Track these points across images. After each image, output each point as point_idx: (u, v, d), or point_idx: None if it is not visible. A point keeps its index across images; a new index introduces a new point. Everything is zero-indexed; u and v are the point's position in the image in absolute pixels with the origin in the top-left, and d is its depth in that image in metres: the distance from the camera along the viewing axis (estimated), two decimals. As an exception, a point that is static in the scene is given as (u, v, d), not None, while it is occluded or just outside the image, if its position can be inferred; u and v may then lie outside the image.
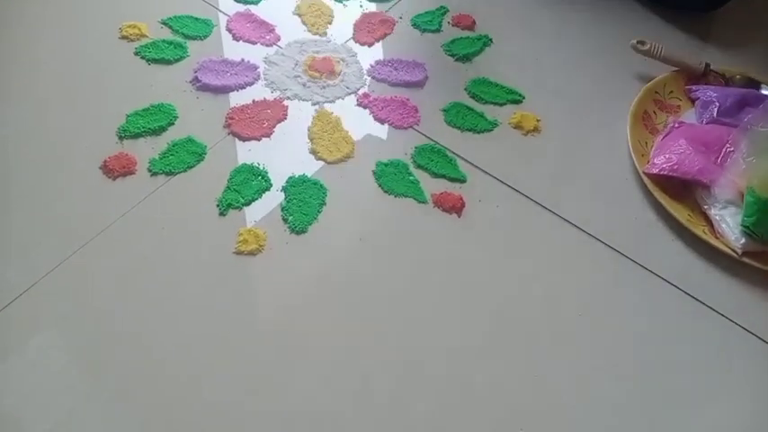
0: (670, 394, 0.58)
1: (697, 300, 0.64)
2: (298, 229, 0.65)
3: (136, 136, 0.71)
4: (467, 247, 0.66)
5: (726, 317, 0.63)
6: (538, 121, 0.77)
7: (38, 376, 0.54)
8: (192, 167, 0.69)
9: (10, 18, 0.82)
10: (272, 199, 0.68)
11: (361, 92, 0.79)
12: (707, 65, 0.83)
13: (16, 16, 0.82)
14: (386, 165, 0.72)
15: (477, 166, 0.73)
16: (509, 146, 0.75)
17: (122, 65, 0.78)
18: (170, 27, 0.82)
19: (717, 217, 0.68)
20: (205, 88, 0.76)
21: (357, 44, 0.84)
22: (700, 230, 0.68)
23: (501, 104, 0.79)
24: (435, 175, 0.71)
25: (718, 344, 0.61)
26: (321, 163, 0.71)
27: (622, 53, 0.85)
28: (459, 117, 0.77)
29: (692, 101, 0.82)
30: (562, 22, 0.90)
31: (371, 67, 0.81)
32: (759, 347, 0.61)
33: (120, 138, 0.71)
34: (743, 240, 0.66)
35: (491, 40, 0.86)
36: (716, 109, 0.78)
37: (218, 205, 0.66)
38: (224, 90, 0.77)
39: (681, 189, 0.71)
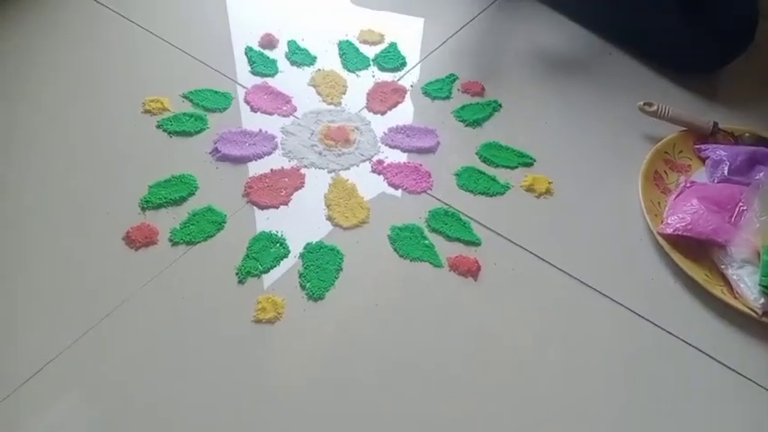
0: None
1: (717, 361, 0.63)
2: (315, 296, 0.66)
3: (158, 207, 0.73)
4: (484, 310, 0.66)
5: (748, 378, 0.62)
6: (550, 183, 0.79)
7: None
8: (211, 236, 0.71)
9: (42, 89, 0.85)
10: (290, 266, 0.69)
11: (375, 159, 0.81)
12: (715, 124, 0.84)
13: (49, 87, 0.86)
14: (401, 229, 0.73)
15: (491, 229, 0.73)
16: (522, 208, 0.76)
17: (145, 138, 0.81)
18: (191, 100, 0.86)
19: (735, 277, 0.68)
20: (224, 159, 0.79)
21: (370, 113, 0.86)
22: (718, 290, 0.67)
23: (512, 168, 0.81)
24: (450, 239, 0.72)
25: (740, 406, 0.60)
26: (338, 229, 0.73)
27: (630, 115, 0.87)
28: (471, 181, 0.78)
29: (703, 160, 0.82)
30: (570, 86, 0.93)
31: (385, 134, 0.84)
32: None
33: (143, 209, 0.73)
34: (762, 300, 0.65)
35: (500, 105, 0.89)
36: (726, 167, 0.78)
37: (237, 273, 0.68)
38: (243, 160, 0.79)
39: (696, 249, 0.71)
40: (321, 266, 0.69)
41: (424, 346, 0.63)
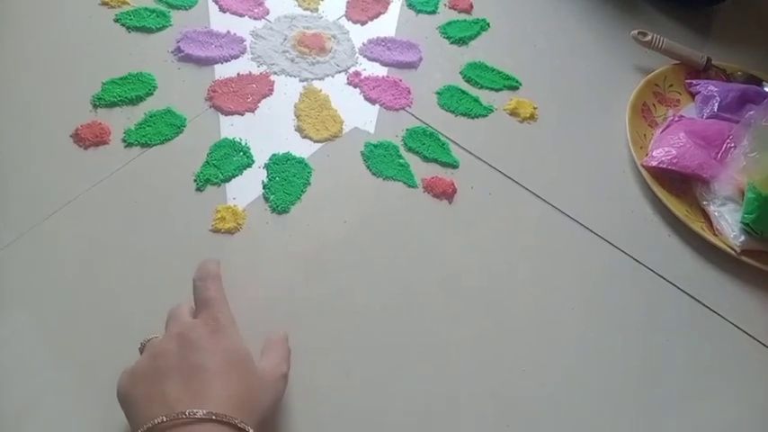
0: (661, 391, 0.55)
1: (692, 297, 0.61)
2: (279, 209, 0.62)
3: (111, 105, 0.67)
4: (456, 234, 0.63)
5: (721, 316, 0.60)
6: (534, 108, 0.75)
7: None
8: (169, 140, 0.66)
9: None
10: (254, 176, 0.64)
11: (351, 70, 0.75)
12: (708, 59, 0.81)
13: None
14: (375, 146, 0.68)
15: (470, 152, 0.70)
16: (504, 133, 0.72)
17: (101, 31, 0.74)
18: (153, -6, 0.78)
19: (716, 213, 0.66)
20: (187, 59, 0.73)
21: (350, 22, 0.80)
22: (697, 226, 0.65)
23: (497, 90, 0.76)
24: (426, 159, 0.68)
25: (711, 342, 0.59)
26: (307, 141, 0.68)
27: (623, 43, 0.83)
28: (453, 101, 0.74)
29: (693, 95, 0.79)
30: (562, 9, 0.88)
31: (364, 45, 0.78)
32: (753, 348, 0.59)
33: (95, 106, 0.67)
34: (742, 238, 0.63)
35: (488, 24, 0.83)
36: (717, 104, 0.75)
37: (195, 180, 0.63)
38: (207, 62, 0.73)
39: (680, 184, 0.69)
40: (287, 179, 0.64)
41: (392, 267, 0.60)
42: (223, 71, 0.72)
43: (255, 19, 0.78)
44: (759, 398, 0.56)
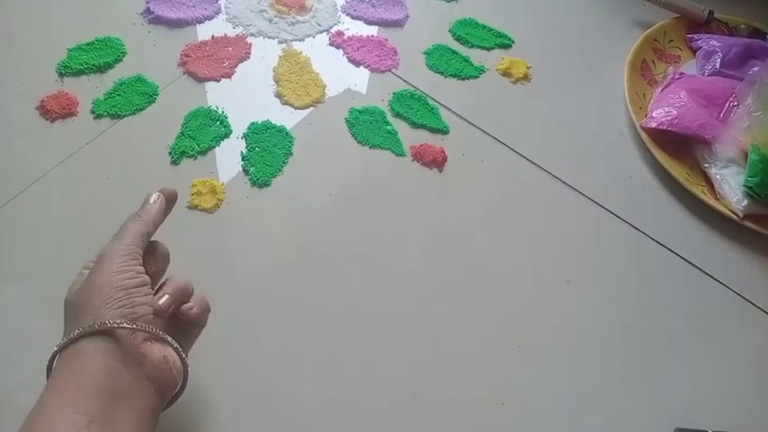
0: (661, 360, 0.53)
1: (692, 264, 0.59)
2: (260, 182, 0.58)
3: (78, 73, 0.63)
4: (448, 204, 0.60)
5: (722, 283, 0.58)
6: (528, 68, 0.71)
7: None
8: (141, 110, 0.62)
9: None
10: (232, 147, 0.61)
11: (334, 30, 0.71)
12: (710, 12, 0.77)
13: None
14: (360, 112, 0.65)
15: (461, 116, 0.66)
16: (496, 94, 0.69)
17: (64, -8, 0.70)
18: (119, -49, 0.73)
19: (718, 176, 0.63)
20: (158, 21, 0.68)
21: (331, -23, 0.75)
22: (698, 190, 0.62)
23: (488, 49, 0.72)
24: (415, 125, 0.65)
25: (712, 310, 0.57)
26: (288, 108, 0.64)
27: (621, -3, 0.78)
28: (442, 61, 0.70)
29: (694, 51, 0.75)
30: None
31: (347, 2, 0.73)
32: (755, 315, 0.57)
33: (61, 75, 0.63)
34: (745, 202, 0.61)
35: (479, -23, 0.79)
36: (719, 60, 0.72)
37: (170, 153, 0.59)
38: (179, 24, 0.68)
39: (680, 146, 0.66)
40: (267, 149, 0.61)
41: (381, 241, 0.57)
42: (196, 34, 0.68)
43: (230, -24, 0.73)
44: (760, 365, 0.54)
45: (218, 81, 0.65)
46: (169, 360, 0.39)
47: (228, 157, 0.60)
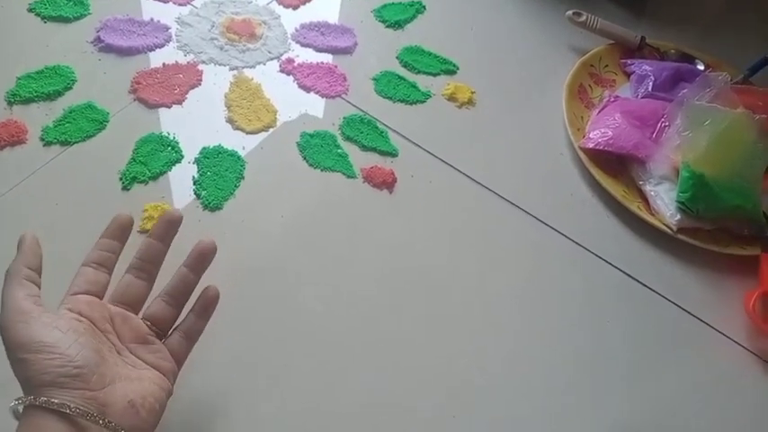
0: (603, 371, 0.56)
1: (630, 277, 0.62)
2: (212, 205, 0.59)
3: (27, 101, 0.63)
4: (398, 224, 0.62)
5: (660, 294, 0.61)
6: (472, 92, 0.74)
7: None
8: (91, 137, 0.62)
9: None
10: (184, 172, 0.61)
11: (284, 57, 0.72)
12: (642, 38, 0.82)
13: None
14: (311, 136, 0.66)
15: (409, 139, 0.68)
16: (443, 118, 0.71)
17: (14, 21, 0.70)
18: (69, -19, 0.74)
19: (652, 193, 0.66)
20: (108, 49, 0.69)
21: (281, 6, 0.77)
22: (635, 207, 0.66)
23: (434, 74, 0.75)
24: (365, 148, 0.67)
25: (652, 321, 0.60)
26: (239, 133, 0.65)
27: (558, 25, 0.82)
28: (390, 86, 0.72)
29: (628, 75, 0.80)
30: (498, -8, 0.87)
31: (296, 30, 0.75)
32: (693, 325, 0.60)
33: (9, 103, 0.63)
34: (678, 216, 0.64)
35: (424, 6, 0.82)
36: (651, 83, 0.76)
37: (121, 179, 0.59)
38: (130, 52, 0.69)
39: (616, 164, 0.69)
40: (219, 173, 0.61)
41: (333, 261, 0.58)
42: (147, 62, 0.69)
43: (181, 5, 0.75)
44: (698, 372, 0.57)
45: (170, 107, 0.66)
46: (136, 403, 0.38)
47: (180, 182, 0.60)
